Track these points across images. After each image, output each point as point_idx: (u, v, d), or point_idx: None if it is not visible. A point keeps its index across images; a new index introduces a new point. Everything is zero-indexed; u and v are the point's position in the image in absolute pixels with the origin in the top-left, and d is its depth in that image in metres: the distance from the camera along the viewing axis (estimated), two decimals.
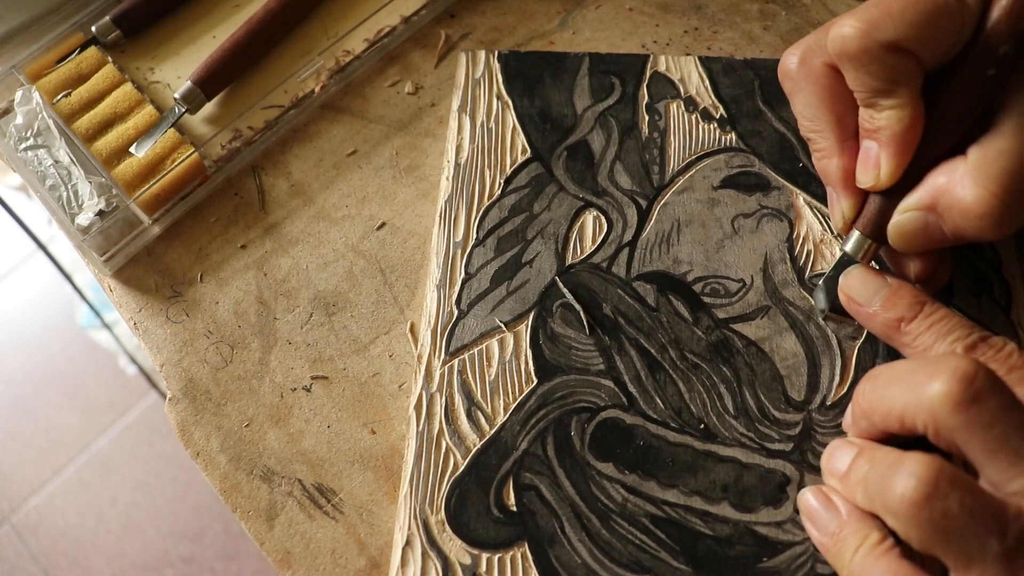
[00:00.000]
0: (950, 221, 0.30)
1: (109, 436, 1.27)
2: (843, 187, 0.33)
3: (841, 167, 0.33)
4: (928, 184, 0.30)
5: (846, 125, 0.33)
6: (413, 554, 0.31)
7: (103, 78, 0.42)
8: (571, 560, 0.30)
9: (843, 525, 0.28)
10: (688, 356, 0.34)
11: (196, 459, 0.34)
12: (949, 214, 0.29)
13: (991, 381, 0.25)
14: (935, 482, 0.24)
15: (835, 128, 0.33)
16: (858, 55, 0.30)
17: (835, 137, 0.33)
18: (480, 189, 0.38)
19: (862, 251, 0.33)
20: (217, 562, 1.17)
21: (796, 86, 0.34)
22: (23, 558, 1.18)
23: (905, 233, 0.31)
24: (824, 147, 0.33)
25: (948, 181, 0.29)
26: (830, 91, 0.33)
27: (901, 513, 0.25)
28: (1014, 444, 0.24)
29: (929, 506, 0.24)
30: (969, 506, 0.24)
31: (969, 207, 0.28)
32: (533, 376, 0.34)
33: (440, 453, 0.33)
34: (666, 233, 0.37)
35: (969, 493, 0.24)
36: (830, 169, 0.33)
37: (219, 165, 0.40)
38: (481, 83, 0.41)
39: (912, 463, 0.25)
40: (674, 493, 0.31)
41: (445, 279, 0.36)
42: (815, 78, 0.33)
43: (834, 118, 0.33)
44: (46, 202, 0.39)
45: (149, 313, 0.38)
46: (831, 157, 0.33)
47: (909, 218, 0.31)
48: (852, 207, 0.33)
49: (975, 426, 0.24)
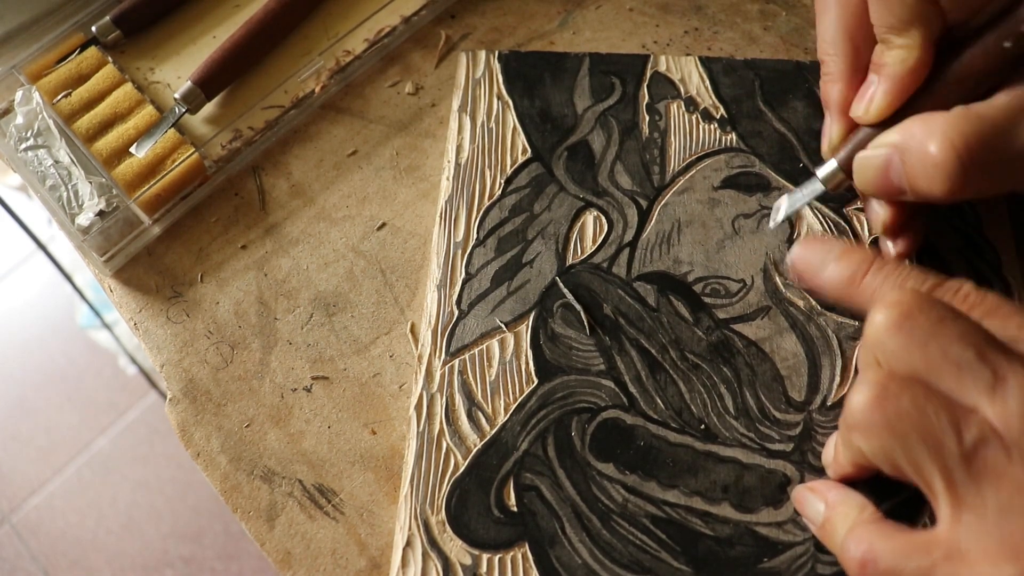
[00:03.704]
0: (909, 168, 0.30)
1: (109, 436, 1.27)
2: (837, 112, 0.33)
3: (842, 92, 0.33)
4: (903, 126, 0.30)
5: (860, 56, 0.33)
6: (414, 554, 0.31)
7: (103, 78, 0.42)
8: (572, 560, 0.30)
9: (830, 507, 0.28)
10: (689, 356, 0.34)
11: (196, 459, 0.34)
12: (910, 159, 0.30)
13: (921, 301, 0.25)
14: (884, 384, 0.24)
15: (849, 55, 0.33)
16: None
17: (846, 64, 0.33)
18: (480, 189, 0.38)
19: (832, 180, 0.33)
20: (217, 562, 1.17)
21: (826, 5, 0.34)
22: (23, 558, 1.18)
23: (865, 168, 0.31)
24: (833, 71, 0.34)
25: (922, 129, 0.30)
26: (856, 19, 0.33)
27: (859, 425, 0.25)
28: (955, 354, 0.24)
29: (881, 407, 0.24)
30: (921, 404, 0.24)
31: (929, 156, 0.29)
32: (533, 376, 0.34)
33: (441, 453, 0.33)
34: (666, 233, 0.37)
35: (921, 392, 0.24)
36: (832, 93, 0.34)
37: (219, 165, 0.40)
38: (481, 83, 0.41)
39: (865, 378, 0.25)
40: (675, 493, 0.31)
41: (445, 279, 0.36)
42: (845, 2, 0.33)
43: (851, 46, 0.33)
44: (46, 202, 0.39)
45: (149, 313, 0.38)
46: (836, 82, 0.34)
47: (874, 154, 0.31)
48: (840, 134, 0.33)
49: (913, 345, 0.24)
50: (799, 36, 0.43)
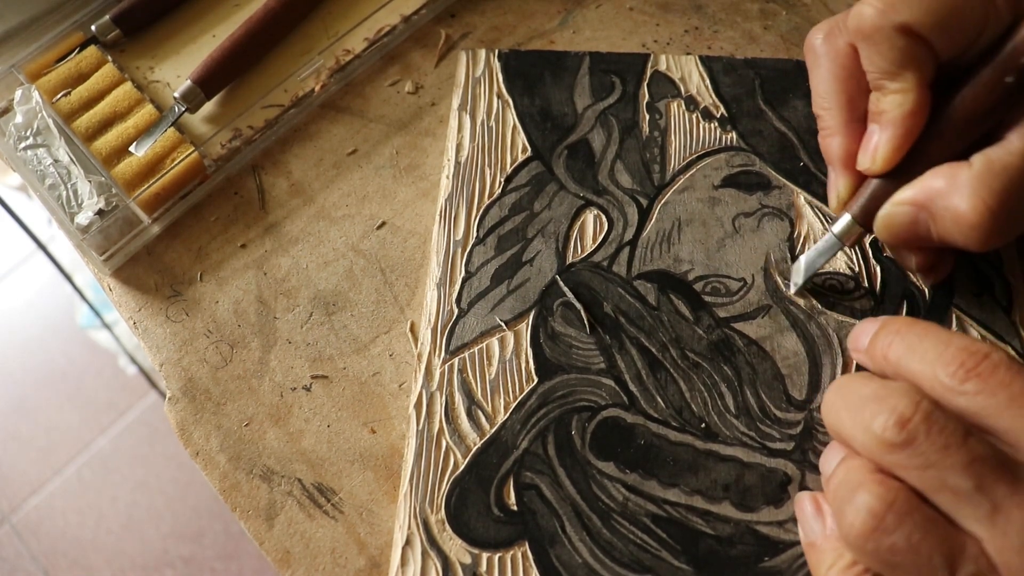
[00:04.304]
0: (940, 224, 0.30)
1: (109, 436, 1.27)
2: (842, 167, 0.33)
3: (843, 146, 0.33)
4: (925, 183, 0.30)
5: (856, 106, 0.33)
6: (413, 553, 0.31)
7: (103, 77, 0.42)
8: (572, 560, 0.30)
9: (825, 538, 0.28)
10: (689, 355, 0.34)
11: (195, 458, 0.34)
12: (941, 217, 0.29)
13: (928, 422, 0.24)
14: (882, 515, 0.24)
15: (844, 107, 0.33)
16: (872, 33, 0.30)
17: (843, 116, 0.33)
18: (480, 188, 0.38)
19: (849, 235, 0.33)
20: (217, 562, 1.17)
21: (816, 61, 0.34)
22: (23, 558, 1.18)
23: (892, 226, 0.31)
24: (831, 125, 0.34)
25: (947, 185, 0.29)
26: (847, 70, 0.33)
27: (851, 543, 0.25)
28: (952, 483, 0.23)
29: (875, 539, 0.24)
30: (916, 543, 0.23)
31: (962, 215, 0.28)
32: (533, 375, 0.34)
33: (440, 452, 0.33)
34: (667, 232, 0.37)
35: (918, 529, 0.23)
36: (832, 147, 0.34)
37: (219, 164, 0.40)
38: (481, 82, 0.41)
39: (866, 493, 0.24)
40: (675, 492, 0.31)
41: (445, 278, 0.36)
42: (835, 55, 0.33)
43: (845, 97, 0.33)
44: (46, 201, 0.39)
45: (149, 312, 0.38)
46: (835, 135, 0.33)
47: (899, 212, 0.31)
48: (848, 188, 0.33)
49: (910, 468, 0.24)
50: (799, 35, 0.43)
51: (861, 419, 0.25)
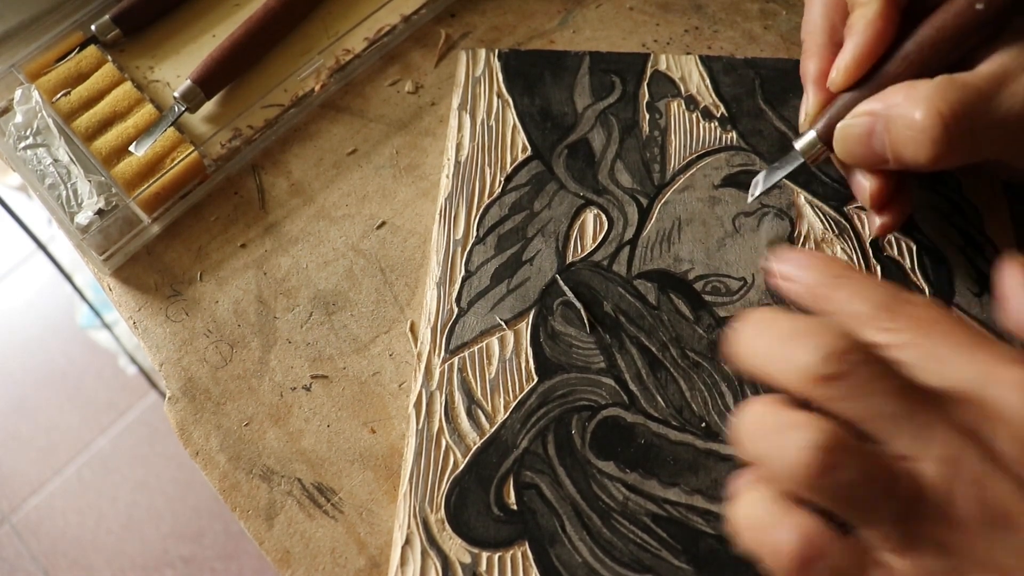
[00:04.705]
0: (893, 133, 0.30)
1: (109, 436, 1.27)
2: (813, 85, 0.34)
3: (817, 67, 0.34)
4: (885, 94, 0.31)
5: (836, 31, 0.34)
6: (413, 553, 0.31)
7: (102, 77, 0.42)
8: (572, 559, 0.30)
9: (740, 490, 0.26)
10: (689, 354, 0.34)
11: (195, 458, 0.34)
12: (895, 127, 0.30)
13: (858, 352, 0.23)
14: (832, 448, 0.23)
15: (825, 32, 0.34)
16: None
17: (822, 39, 0.34)
18: (480, 187, 0.38)
19: (810, 151, 0.33)
20: (217, 562, 1.16)
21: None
22: (23, 558, 1.18)
23: (848, 136, 0.31)
24: (810, 47, 0.34)
25: (905, 97, 0.30)
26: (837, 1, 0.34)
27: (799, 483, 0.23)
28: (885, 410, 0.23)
29: (830, 475, 0.23)
30: (870, 471, 0.23)
31: (915, 122, 0.29)
32: (533, 374, 0.34)
33: (440, 451, 0.32)
34: (667, 231, 0.37)
35: (868, 458, 0.23)
36: (808, 67, 0.34)
37: (219, 164, 0.40)
38: (481, 81, 0.41)
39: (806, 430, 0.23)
40: (675, 492, 0.31)
41: (445, 277, 0.36)
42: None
43: (828, 23, 0.34)
44: (45, 201, 0.39)
45: (148, 312, 0.38)
46: (812, 56, 0.34)
47: (856, 123, 0.31)
48: (816, 104, 0.34)
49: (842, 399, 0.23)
50: (799, 35, 0.43)
51: (785, 353, 0.24)
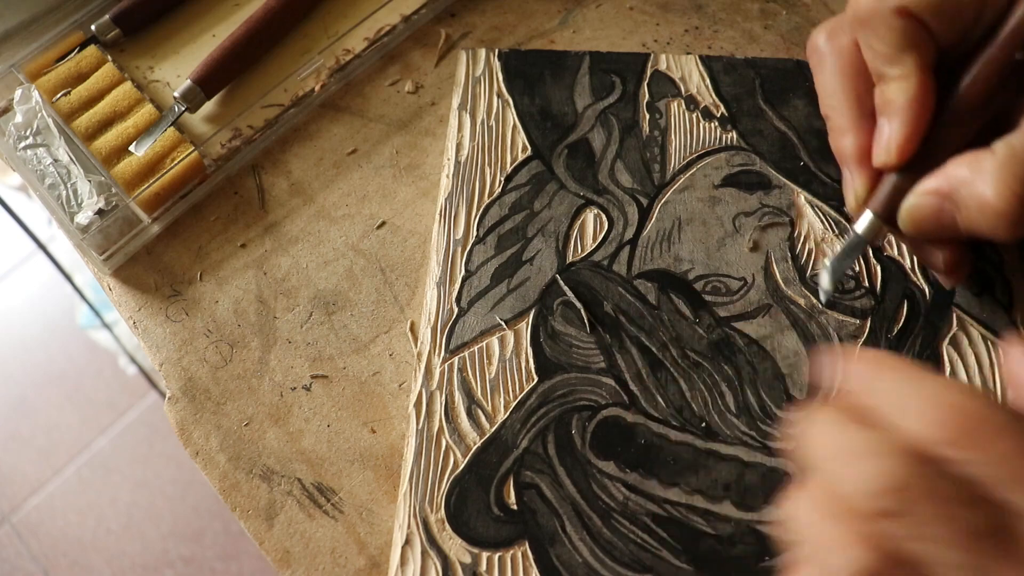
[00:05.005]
0: (966, 214, 0.29)
1: (109, 436, 1.27)
2: (857, 165, 0.32)
3: (856, 144, 0.32)
4: (948, 172, 0.30)
5: (864, 103, 0.32)
6: (413, 553, 0.31)
7: (102, 77, 0.42)
8: (572, 559, 0.30)
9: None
10: (689, 354, 0.34)
11: (195, 458, 0.34)
12: (967, 207, 0.29)
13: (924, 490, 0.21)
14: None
15: (853, 105, 0.32)
16: (869, 18, 0.30)
17: (852, 114, 0.33)
18: (480, 187, 0.38)
19: (873, 232, 0.32)
20: (217, 562, 1.16)
21: (821, 61, 0.34)
22: (23, 558, 1.18)
23: (917, 218, 0.31)
24: (840, 124, 0.33)
25: (971, 173, 0.29)
26: (853, 67, 0.32)
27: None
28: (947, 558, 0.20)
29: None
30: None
31: (989, 204, 0.28)
32: (534, 374, 0.34)
33: (440, 451, 0.32)
34: (667, 231, 0.37)
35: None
36: (845, 146, 0.33)
37: (219, 164, 0.40)
38: (481, 81, 0.41)
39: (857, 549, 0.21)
40: (675, 492, 0.31)
41: (445, 277, 0.36)
42: (839, 53, 0.33)
43: (853, 95, 0.32)
44: (45, 201, 0.39)
45: (148, 312, 0.38)
46: (846, 134, 0.33)
47: (924, 202, 0.30)
48: (865, 185, 0.32)
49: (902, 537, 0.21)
50: (799, 35, 0.43)
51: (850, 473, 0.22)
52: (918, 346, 0.34)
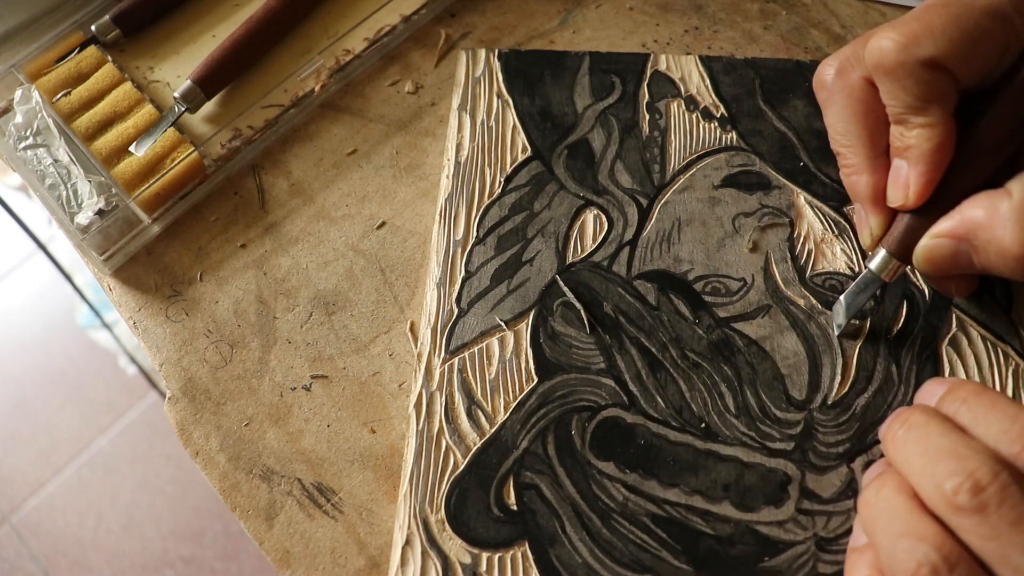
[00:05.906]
0: (983, 256, 0.29)
1: (109, 436, 1.27)
2: (872, 204, 0.33)
3: (871, 184, 0.32)
4: (964, 215, 0.29)
5: (878, 142, 0.32)
6: (413, 553, 0.31)
7: (103, 77, 0.42)
8: (572, 559, 0.30)
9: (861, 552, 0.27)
10: (689, 355, 0.34)
11: (195, 458, 0.34)
12: (984, 250, 0.29)
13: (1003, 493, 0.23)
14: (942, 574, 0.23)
15: (866, 144, 0.32)
16: (894, 69, 0.29)
17: (866, 153, 0.32)
18: (480, 187, 0.38)
19: (887, 270, 0.33)
20: (217, 562, 1.16)
21: (830, 98, 0.33)
22: (23, 558, 1.18)
23: (933, 259, 0.31)
24: (854, 163, 0.33)
25: (987, 217, 0.28)
26: (864, 105, 0.32)
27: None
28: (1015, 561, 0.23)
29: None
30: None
31: (1007, 248, 0.28)
32: (533, 375, 0.34)
33: (440, 452, 0.32)
34: (667, 232, 0.37)
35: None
36: (859, 186, 0.33)
37: (219, 164, 0.40)
38: (481, 81, 0.41)
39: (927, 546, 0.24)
40: (675, 492, 0.31)
41: (445, 277, 0.36)
42: (850, 91, 0.32)
43: (866, 133, 0.32)
44: (45, 201, 0.39)
45: (149, 312, 0.38)
46: (860, 173, 0.33)
47: (940, 244, 0.30)
48: (881, 224, 0.33)
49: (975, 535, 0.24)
50: (799, 35, 0.43)
51: (934, 472, 0.25)
52: (917, 347, 0.34)
